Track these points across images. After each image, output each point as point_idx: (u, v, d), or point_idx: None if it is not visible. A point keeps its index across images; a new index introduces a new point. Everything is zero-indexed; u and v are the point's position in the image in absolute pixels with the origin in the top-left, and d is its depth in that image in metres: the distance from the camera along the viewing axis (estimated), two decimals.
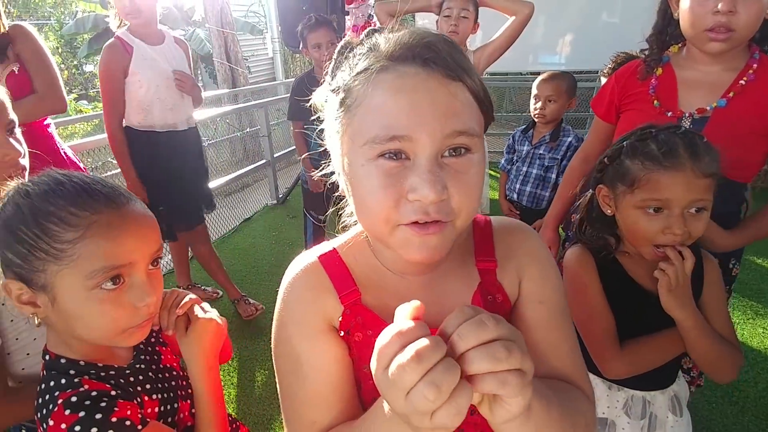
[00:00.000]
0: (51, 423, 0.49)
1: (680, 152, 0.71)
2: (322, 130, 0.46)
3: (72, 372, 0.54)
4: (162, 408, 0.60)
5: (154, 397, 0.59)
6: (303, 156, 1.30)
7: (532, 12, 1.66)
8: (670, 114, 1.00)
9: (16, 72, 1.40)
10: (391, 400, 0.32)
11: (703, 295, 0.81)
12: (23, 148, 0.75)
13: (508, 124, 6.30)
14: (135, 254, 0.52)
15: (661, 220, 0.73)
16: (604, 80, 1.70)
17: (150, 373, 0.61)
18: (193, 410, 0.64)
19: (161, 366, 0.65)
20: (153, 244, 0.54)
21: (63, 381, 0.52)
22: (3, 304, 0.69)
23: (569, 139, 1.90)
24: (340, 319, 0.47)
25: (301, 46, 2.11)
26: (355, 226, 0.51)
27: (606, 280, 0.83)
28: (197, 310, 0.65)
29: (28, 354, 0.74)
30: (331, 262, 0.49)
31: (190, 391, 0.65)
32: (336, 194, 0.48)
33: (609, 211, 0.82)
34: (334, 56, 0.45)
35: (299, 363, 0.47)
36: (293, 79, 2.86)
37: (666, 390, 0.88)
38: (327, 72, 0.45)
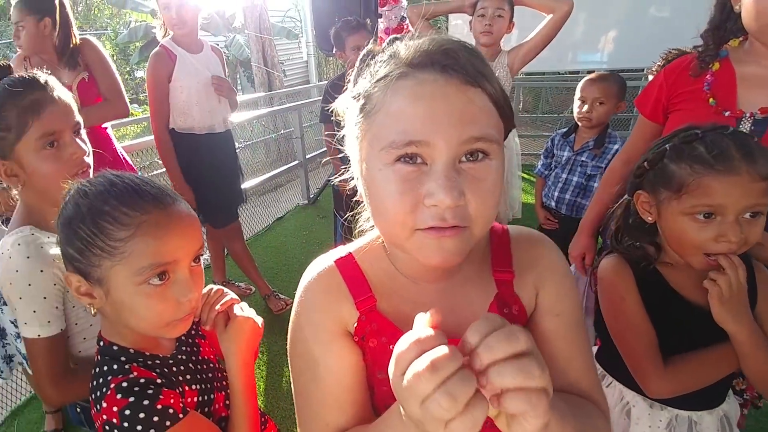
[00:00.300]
0: (104, 405, 0.53)
1: (733, 154, 0.66)
2: (343, 136, 0.47)
3: (123, 359, 0.58)
4: (200, 398, 0.63)
5: (194, 387, 0.63)
6: (329, 158, 1.36)
7: (571, 9, 1.58)
8: (728, 114, 0.92)
9: (86, 80, 1.56)
10: (407, 406, 0.32)
11: (757, 306, 0.75)
12: (87, 147, 0.82)
13: (543, 126, 6.09)
14: (179, 252, 0.55)
15: (713, 228, 0.68)
16: (651, 79, 1.59)
17: (190, 364, 0.65)
18: (227, 402, 0.67)
19: (200, 357, 0.68)
20: (196, 242, 0.58)
21: (115, 366, 0.57)
22: (67, 291, 0.76)
23: (615, 146, 1.75)
24: (355, 324, 0.47)
25: (334, 49, 2.15)
26: (371, 231, 0.51)
27: (646, 292, 0.78)
28: (236, 308, 0.68)
29: (84, 338, 0.81)
30: (348, 267, 0.50)
31: (225, 383, 0.68)
32: (354, 199, 0.49)
33: (650, 219, 0.77)
34: (357, 64, 0.45)
35: (315, 364, 0.47)
36: (326, 82, 2.92)
37: (714, 410, 0.82)
38: (349, 80, 0.46)
